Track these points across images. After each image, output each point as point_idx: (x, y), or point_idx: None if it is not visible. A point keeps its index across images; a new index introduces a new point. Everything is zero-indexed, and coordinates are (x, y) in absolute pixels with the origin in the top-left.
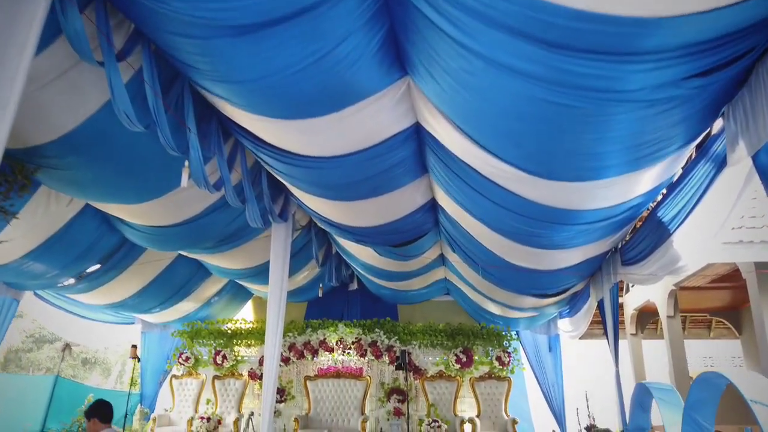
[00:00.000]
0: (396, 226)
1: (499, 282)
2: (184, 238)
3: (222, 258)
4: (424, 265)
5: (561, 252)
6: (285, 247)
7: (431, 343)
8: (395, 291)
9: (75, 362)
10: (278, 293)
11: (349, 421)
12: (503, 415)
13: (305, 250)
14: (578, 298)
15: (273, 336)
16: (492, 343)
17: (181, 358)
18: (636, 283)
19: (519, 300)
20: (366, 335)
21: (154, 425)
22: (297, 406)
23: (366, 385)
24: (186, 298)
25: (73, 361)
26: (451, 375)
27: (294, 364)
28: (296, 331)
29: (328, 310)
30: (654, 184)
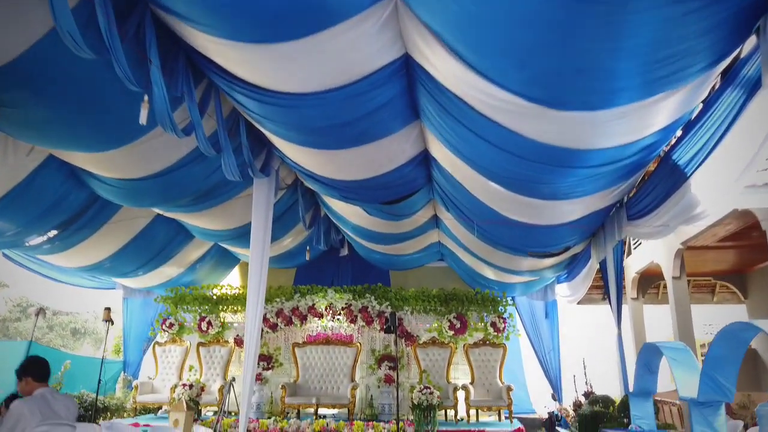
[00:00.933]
0: (384, 180)
1: (496, 240)
2: (158, 192)
3: (202, 218)
4: (416, 226)
5: (563, 204)
6: (267, 205)
7: (424, 309)
8: (387, 256)
9: (64, 332)
10: (260, 254)
11: (338, 389)
12: (498, 382)
13: (291, 211)
14: (578, 261)
15: (255, 299)
16: (487, 309)
17: (164, 325)
18: (644, 238)
19: (516, 262)
20: (356, 301)
21: (135, 393)
22: (285, 374)
23: (356, 351)
24: (168, 262)
25: (62, 331)
26: (444, 341)
27: (282, 331)
28: (284, 296)
29: (318, 276)
30: (670, 119)
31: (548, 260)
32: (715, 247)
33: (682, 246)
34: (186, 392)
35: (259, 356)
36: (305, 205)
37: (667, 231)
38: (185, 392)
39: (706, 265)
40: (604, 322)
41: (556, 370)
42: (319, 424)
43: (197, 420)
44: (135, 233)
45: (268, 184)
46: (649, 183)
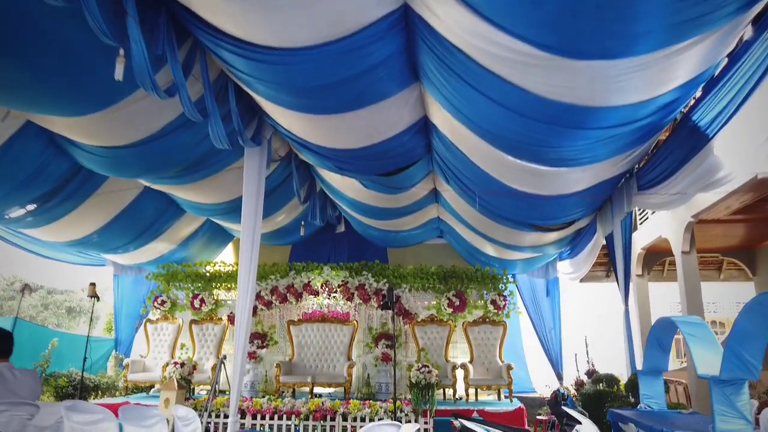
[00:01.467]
0: (381, 149)
1: (498, 213)
2: (143, 161)
3: (192, 191)
4: (415, 201)
5: (570, 172)
6: (259, 177)
7: (422, 287)
8: (385, 232)
9: (59, 311)
10: (251, 229)
11: (334, 367)
12: (497, 360)
13: (285, 186)
14: (582, 236)
15: (246, 276)
16: (487, 287)
17: (156, 302)
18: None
19: (517, 237)
20: (353, 278)
21: (126, 371)
22: (280, 352)
23: (353, 329)
24: (158, 238)
25: (57, 310)
26: (442, 319)
27: (276, 308)
28: (279, 273)
29: (314, 253)
30: (693, 73)
31: (551, 235)
32: (725, 221)
33: (693, 219)
34: (177, 370)
35: (254, 334)
36: (300, 178)
37: (682, 200)
38: (176, 370)
39: (714, 240)
40: (607, 300)
41: (557, 348)
42: (315, 403)
43: (189, 398)
44: (123, 206)
45: (259, 154)
46: (664, 149)
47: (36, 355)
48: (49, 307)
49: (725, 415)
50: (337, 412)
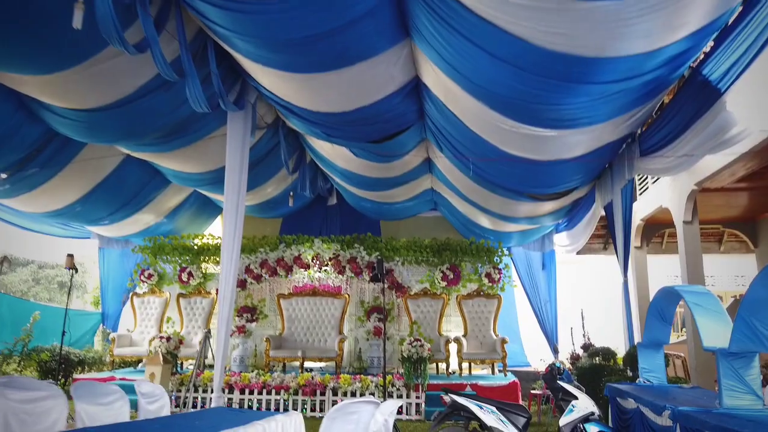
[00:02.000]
0: (371, 113)
1: (493, 181)
2: (120, 125)
3: (174, 159)
4: (408, 170)
5: (568, 135)
6: (243, 143)
7: (416, 260)
8: (377, 204)
9: (51, 285)
10: (235, 198)
11: (325, 341)
12: (491, 334)
13: (273, 155)
14: (580, 207)
15: (230, 247)
16: (481, 260)
17: (142, 275)
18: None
19: (513, 207)
20: (345, 251)
21: (113, 346)
22: (270, 326)
23: (344, 303)
24: (143, 209)
25: (49, 284)
26: (436, 293)
27: (266, 282)
28: (268, 246)
29: (305, 226)
30: (705, 19)
31: (548, 205)
32: (729, 190)
33: (696, 187)
34: (163, 345)
35: (243, 308)
36: (288, 148)
37: (688, 164)
38: (162, 345)
39: (715, 211)
40: (604, 274)
41: (552, 322)
42: (304, 377)
43: (175, 373)
44: (104, 175)
45: (243, 119)
46: (671, 108)
47: (17, 329)
48: (40, 281)
49: (733, 390)
50: (327, 386)
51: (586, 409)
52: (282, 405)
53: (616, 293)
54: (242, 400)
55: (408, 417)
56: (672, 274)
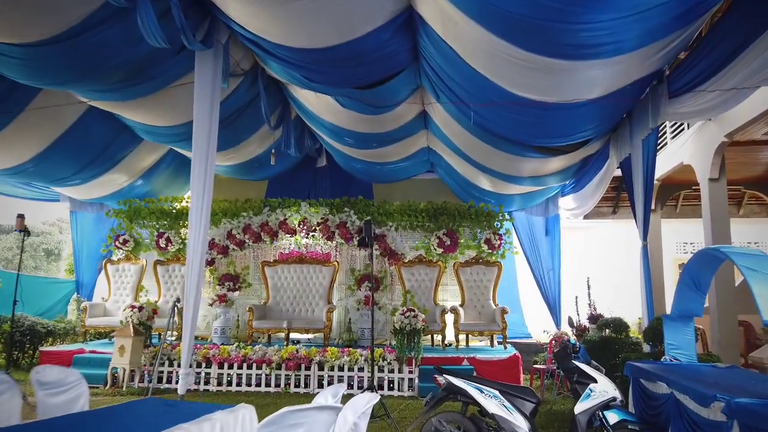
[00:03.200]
0: (357, 49)
1: (495, 131)
2: (67, 64)
3: (140, 110)
4: (401, 125)
5: (587, 67)
6: (213, 89)
7: (410, 225)
8: (369, 165)
9: (36, 253)
10: (204, 151)
11: (313, 311)
12: (491, 304)
13: (254, 109)
14: (590, 165)
15: (198, 206)
16: (481, 225)
17: (117, 241)
18: (691, 118)
19: (517, 165)
20: (334, 215)
21: (84, 316)
22: (255, 295)
23: (333, 271)
24: (114, 168)
25: (34, 252)
26: (432, 260)
27: (250, 248)
28: (252, 210)
29: (292, 189)
30: None
31: (555, 162)
32: (760, 143)
33: (727, 139)
34: (135, 315)
35: (224, 276)
36: (269, 100)
37: (731, 102)
38: (134, 315)
39: (737, 170)
40: (612, 240)
41: (556, 292)
42: (288, 350)
43: (149, 346)
44: (64, 128)
45: (213, 62)
46: (712, 36)
47: None
48: (25, 249)
49: None
50: (313, 360)
51: (606, 394)
52: (264, 380)
53: (626, 261)
54: (221, 374)
55: (400, 393)
56: (683, 240)
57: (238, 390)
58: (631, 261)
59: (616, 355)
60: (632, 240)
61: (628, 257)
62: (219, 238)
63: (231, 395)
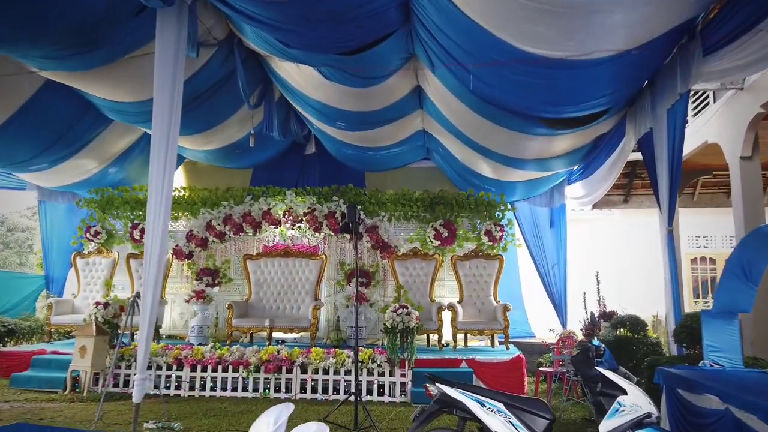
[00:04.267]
0: (339, 3)
1: (498, 100)
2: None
3: (100, 83)
4: (393, 102)
5: (607, 9)
6: (176, 56)
7: (405, 216)
8: (361, 151)
9: (22, 249)
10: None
11: (299, 308)
12: (491, 300)
13: (231, 86)
14: (602, 147)
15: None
16: (481, 215)
17: (88, 233)
18: (729, 76)
19: (521, 145)
20: (322, 205)
21: (50, 314)
22: (237, 291)
23: (321, 265)
24: (81, 152)
25: (19, 248)
26: (428, 253)
27: (231, 241)
28: (233, 199)
29: (279, 178)
30: None
31: (563, 141)
32: None
33: (763, 110)
34: (100, 312)
35: (203, 270)
36: (249, 77)
37: None
38: (99, 312)
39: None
40: (621, 232)
41: (561, 288)
42: (269, 351)
43: (115, 346)
44: (19, 104)
45: (176, 24)
46: None
47: None
48: (9, 245)
49: None
50: (296, 362)
51: (638, 410)
52: (241, 384)
53: (636, 255)
54: (193, 378)
55: (391, 399)
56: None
57: (212, 395)
58: (641, 255)
59: (632, 357)
60: (643, 232)
61: (638, 251)
62: (198, 229)
63: (203, 401)
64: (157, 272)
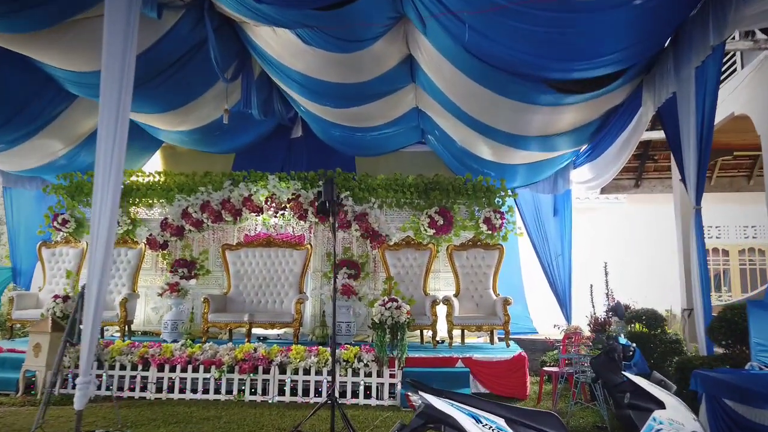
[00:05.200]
0: None
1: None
2: None
3: (49, 49)
4: (383, 73)
5: None
6: (128, 13)
7: (397, 202)
8: (350, 133)
9: None
10: (116, 93)
11: (281, 302)
12: (491, 293)
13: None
14: (613, 122)
15: (105, 169)
16: (479, 201)
17: (56, 221)
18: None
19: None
20: (307, 191)
21: (10, 308)
22: (216, 284)
23: (306, 255)
24: (44, 131)
25: None
26: (422, 242)
27: (210, 230)
28: (211, 185)
29: (263, 164)
30: None
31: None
32: None
33: None
34: (58, 306)
35: (178, 261)
36: (224, 49)
37: None
38: (57, 307)
39: None
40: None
41: (565, 280)
42: (244, 349)
43: (75, 344)
44: None
45: None
46: None
47: None
48: None
49: None
50: (273, 362)
51: (680, 429)
52: (213, 386)
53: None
54: (160, 379)
55: (379, 402)
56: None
57: (181, 398)
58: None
59: (649, 356)
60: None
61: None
62: (173, 217)
63: (170, 405)
64: (104, 260)
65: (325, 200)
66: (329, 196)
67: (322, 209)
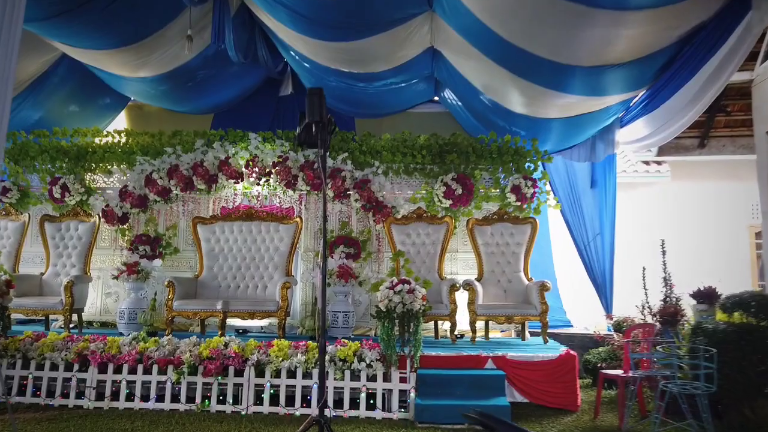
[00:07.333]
0: None
1: None
2: None
3: None
4: None
5: None
6: None
7: (405, 168)
8: (350, 84)
9: None
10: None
11: (264, 288)
12: (521, 277)
13: None
14: (687, 55)
15: None
16: (506, 166)
17: None
18: None
19: (574, 38)
20: (297, 153)
21: None
22: (188, 266)
23: (295, 230)
24: None
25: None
26: (436, 215)
27: (179, 200)
28: (182, 146)
29: (247, 126)
30: None
31: (635, 27)
32: None
33: None
34: None
35: (139, 237)
36: None
37: None
38: None
39: None
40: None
41: (605, 264)
42: (211, 344)
43: (2, 335)
44: None
45: None
46: None
47: None
48: None
49: None
50: (248, 360)
51: None
52: (169, 392)
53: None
54: (102, 383)
55: (386, 414)
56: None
57: (128, 407)
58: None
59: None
60: (711, 196)
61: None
62: (134, 184)
63: (113, 416)
64: None
65: (310, 122)
66: (315, 116)
67: (306, 138)
